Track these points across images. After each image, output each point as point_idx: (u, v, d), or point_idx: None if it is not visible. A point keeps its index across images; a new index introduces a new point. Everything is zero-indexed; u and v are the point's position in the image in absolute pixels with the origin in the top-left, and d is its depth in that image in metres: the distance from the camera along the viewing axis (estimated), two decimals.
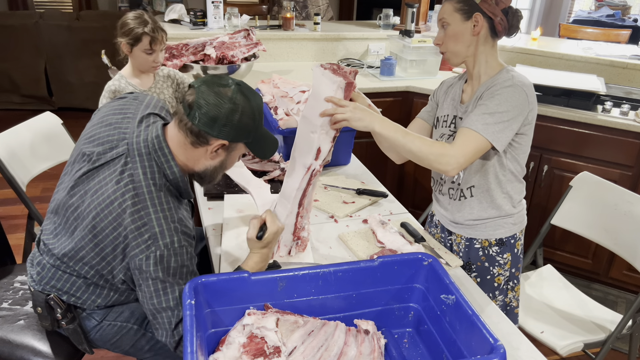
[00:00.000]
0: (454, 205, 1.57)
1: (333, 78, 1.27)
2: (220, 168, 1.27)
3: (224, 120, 1.14)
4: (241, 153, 1.27)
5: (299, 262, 1.39)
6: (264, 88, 2.31)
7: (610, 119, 2.35)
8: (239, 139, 1.20)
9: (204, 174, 1.27)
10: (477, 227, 1.55)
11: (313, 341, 1.11)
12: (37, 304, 1.31)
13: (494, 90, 1.38)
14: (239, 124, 1.16)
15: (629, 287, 2.59)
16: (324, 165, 1.40)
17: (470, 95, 1.49)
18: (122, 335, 1.37)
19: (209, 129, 1.15)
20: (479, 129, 1.35)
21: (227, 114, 1.14)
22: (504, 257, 1.56)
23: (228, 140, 1.18)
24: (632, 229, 1.74)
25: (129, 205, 1.15)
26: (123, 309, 1.36)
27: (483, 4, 1.37)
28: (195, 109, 1.14)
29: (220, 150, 1.21)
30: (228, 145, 1.20)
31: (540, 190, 2.59)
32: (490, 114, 1.35)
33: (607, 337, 1.69)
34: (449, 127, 1.53)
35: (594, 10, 5.45)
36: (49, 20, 4.47)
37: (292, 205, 1.36)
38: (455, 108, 1.53)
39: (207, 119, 1.14)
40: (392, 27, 3.42)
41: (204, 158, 1.22)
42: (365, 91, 1.47)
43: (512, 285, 1.61)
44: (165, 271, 1.14)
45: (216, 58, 2.43)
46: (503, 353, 0.95)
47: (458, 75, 1.60)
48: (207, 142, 1.18)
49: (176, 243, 1.15)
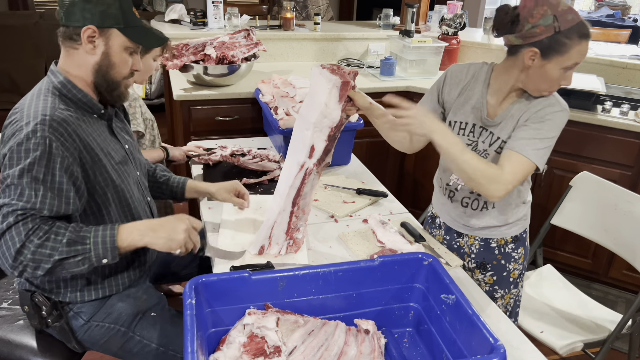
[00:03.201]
0: (471, 213, 1.57)
1: (329, 77, 1.27)
2: (108, 64, 1.25)
3: (80, 8, 1.18)
4: (123, 45, 1.25)
5: (292, 264, 1.39)
6: (264, 88, 2.32)
7: (610, 118, 2.35)
8: (107, 23, 1.21)
9: (98, 77, 1.26)
10: (493, 230, 1.57)
11: (313, 341, 1.11)
12: (24, 302, 1.33)
13: (545, 114, 1.37)
14: (97, 8, 1.19)
15: (628, 287, 2.59)
16: (325, 167, 1.40)
17: (497, 107, 1.45)
18: (109, 338, 1.37)
19: (72, 19, 1.19)
20: (529, 155, 1.34)
21: (82, 3, 1.18)
22: (519, 252, 1.60)
23: (94, 24, 1.19)
24: (632, 229, 1.74)
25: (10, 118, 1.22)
26: (110, 310, 1.37)
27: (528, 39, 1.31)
28: (59, 12, 1.21)
29: (95, 39, 1.21)
30: (100, 33, 1.21)
31: (540, 190, 2.59)
32: (541, 140, 1.35)
33: (607, 336, 1.69)
34: (467, 136, 1.49)
35: (594, 10, 5.45)
36: (49, 20, 4.48)
37: (285, 203, 1.36)
38: (478, 118, 1.47)
39: (67, 10, 1.19)
40: (392, 27, 3.42)
41: (86, 55, 1.23)
42: (365, 91, 1.47)
43: (522, 277, 1.65)
44: (22, 159, 1.12)
45: (216, 58, 2.43)
46: (503, 353, 0.95)
47: (472, 74, 1.50)
48: (79, 36, 1.21)
49: (39, 131, 1.14)
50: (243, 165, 1.94)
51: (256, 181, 1.83)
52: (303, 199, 1.38)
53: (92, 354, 2.07)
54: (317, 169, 1.37)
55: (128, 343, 1.38)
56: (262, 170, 1.93)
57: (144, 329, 1.38)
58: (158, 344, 1.37)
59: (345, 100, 1.31)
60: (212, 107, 2.51)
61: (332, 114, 1.31)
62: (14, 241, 1.10)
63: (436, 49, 2.91)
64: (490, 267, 1.59)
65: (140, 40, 1.27)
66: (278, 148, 2.10)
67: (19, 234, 1.10)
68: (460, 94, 1.51)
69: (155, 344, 1.37)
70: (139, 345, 1.38)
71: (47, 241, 1.12)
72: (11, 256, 1.10)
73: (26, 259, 1.11)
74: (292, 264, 1.39)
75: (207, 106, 2.50)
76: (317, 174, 1.38)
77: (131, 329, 1.37)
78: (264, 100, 2.22)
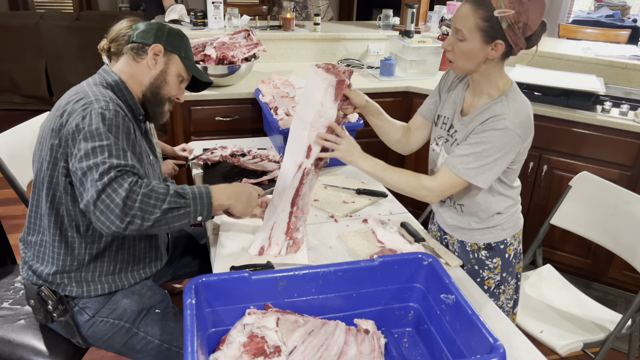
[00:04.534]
0: (445, 209, 1.58)
1: (324, 76, 1.28)
2: (162, 81, 1.39)
3: (155, 30, 1.37)
4: (178, 72, 1.41)
5: (292, 264, 1.39)
6: (264, 88, 2.32)
7: (609, 119, 2.36)
8: (172, 48, 1.38)
9: (150, 90, 1.38)
10: (465, 232, 1.55)
11: (313, 341, 1.11)
12: (30, 296, 1.34)
13: (484, 129, 1.32)
14: (169, 32, 1.38)
15: (628, 287, 2.59)
16: (323, 167, 1.40)
17: (470, 106, 1.43)
18: (113, 333, 1.38)
19: (144, 38, 1.35)
20: (459, 172, 1.35)
21: (157, 27, 1.38)
22: (494, 262, 1.55)
23: (161, 43, 1.36)
24: (632, 229, 1.74)
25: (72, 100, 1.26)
26: (115, 306, 1.37)
27: (508, 31, 1.26)
28: (132, 31, 1.37)
29: (158, 57, 1.36)
30: (164, 53, 1.37)
31: (540, 191, 2.60)
32: (475, 158, 1.33)
33: (607, 336, 1.69)
34: (447, 132, 1.49)
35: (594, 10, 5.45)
36: (49, 21, 4.48)
37: (284, 204, 1.36)
38: (454, 114, 1.47)
39: (141, 32, 1.36)
40: (392, 28, 3.42)
41: (146, 68, 1.36)
42: (365, 91, 1.47)
43: (503, 289, 1.59)
44: (101, 126, 1.18)
45: (216, 58, 2.43)
46: (503, 353, 0.95)
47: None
48: (145, 52, 1.35)
49: (111, 106, 1.23)
50: (243, 165, 1.94)
51: (256, 181, 1.83)
52: (302, 199, 1.38)
53: (93, 353, 2.08)
54: (315, 168, 1.37)
55: (132, 339, 1.38)
56: (262, 171, 1.93)
57: (148, 325, 1.38)
58: (161, 341, 1.38)
59: (342, 99, 1.31)
60: (212, 107, 2.51)
61: (328, 113, 1.32)
62: (118, 193, 1.12)
63: (436, 50, 2.91)
64: (467, 270, 1.56)
65: (195, 72, 1.45)
66: (278, 148, 2.11)
67: (121, 185, 1.13)
68: (449, 89, 1.52)
69: (159, 341, 1.38)
70: (143, 342, 1.39)
71: (152, 192, 1.16)
72: (118, 207, 1.12)
73: (134, 208, 1.13)
74: (292, 264, 1.39)
75: (207, 106, 2.50)
76: (316, 173, 1.38)
77: (135, 325, 1.38)
78: (264, 101, 2.22)
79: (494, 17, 1.25)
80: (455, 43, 1.33)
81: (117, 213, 1.11)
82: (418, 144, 1.63)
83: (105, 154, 1.15)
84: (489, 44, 1.28)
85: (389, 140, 1.62)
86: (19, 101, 4.71)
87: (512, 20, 1.25)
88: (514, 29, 1.26)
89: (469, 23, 1.28)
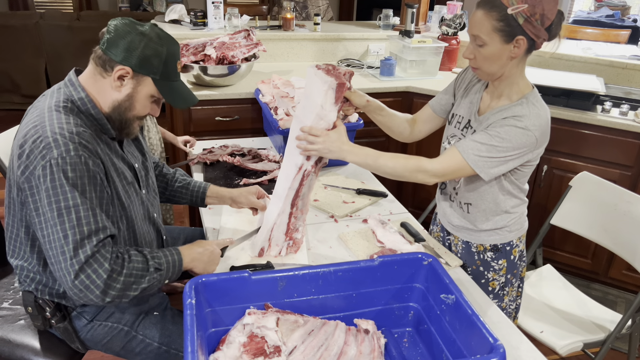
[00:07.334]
0: (452, 209, 1.57)
1: (325, 78, 1.27)
2: (128, 106, 1.22)
3: (127, 44, 1.15)
4: (150, 94, 1.22)
5: (292, 264, 1.39)
6: (264, 88, 2.32)
7: (609, 119, 2.36)
8: (144, 71, 1.18)
9: (115, 113, 1.22)
10: (472, 233, 1.54)
11: (313, 340, 1.11)
12: (27, 303, 1.33)
13: (505, 123, 1.31)
14: (143, 52, 1.16)
15: (628, 287, 2.59)
16: (322, 167, 1.40)
17: (487, 107, 1.43)
18: (112, 337, 1.37)
19: (113, 51, 1.16)
20: (468, 158, 1.33)
21: (132, 40, 1.15)
22: (499, 263, 1.54)
23: (130, 66, 1.16)
24: (632, 229, 1.74)
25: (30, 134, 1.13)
26: (114, 310, 1.37)
27: (527, 25, 1.25)
28: (105, 35, 1.17)
29: (125, 79, 1.18)
30: (133, 76, 1.18)
31: (540, 191, 2.60)
32: (488, 150, 1.31)
33: (607, 336, 1.69)
34: (462, 131, 1.48)
35: (594, 10, 5.45)
36: (49, 21, 4.48)
37: (284, 205, 1.36)
38: (471, 114, 1.47)
39: (112, 42, 1.16)
40: (392, 28, 3.42)
41: (111, 89, 1.19)
42: (365, 91, 1.47)
43: (507, 290, 1.59)
44: (64, 183, 1.08)
45: (216, 58, 2.43)
46: (503, 353, 0.95)
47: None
48: (112, 69, 1.17)
49: (72, 147, 1.10)
50: (243, 165, 1.94)
51: (256, 181, 1.83)
52: (301, 199, 1.38)
53: (92, 354, 2.08)
54: (315, 169, 1.37)
55: (131, 342, 1.38)
56: (262, 170, 1.93)
57: (146, 328, 1.38)
58: (160, 343, 1.38)
59: (342, 101, 1.31)
60: (212, 107, 2.51)
61: (328, 115, 1.31)
62: (98, 274, 1.08)
63: (436, 50, 2.91)
64: (470, 272, 1.56)
65: (168, 97, 1.24)
66: (278, 148, 2.11)
67: (101, 265, 1.09)
68: (466, 88, 1.51)
69: (158, 343, 1.38)
70: (142, 345, 1.38)
71: (132, 270, 1.13)
72: (99, 288, 1.08)
73: (115, 289, 1.11)
74: (292, 264, 1.39)
75: (207, 106, 2.50)
76: (315, 174, 1.38)
77: (134, 328, 1.37)
78: (264, 101, 2.22)
79: (508, 16, 1.25)
80: (475, 50, 1.32)
81: (97, 294, 1.09)
82: (421, 136, 1.63)
83: (74, 221, 1.08)
84: (509, 42, 1.28)
85: (392, 133, 1.62)
86: (19, 101, 4.71)
87: (528, 14, 1.24)
88: (532, 22, 1.25)
89: (485, 27, 1.28)
